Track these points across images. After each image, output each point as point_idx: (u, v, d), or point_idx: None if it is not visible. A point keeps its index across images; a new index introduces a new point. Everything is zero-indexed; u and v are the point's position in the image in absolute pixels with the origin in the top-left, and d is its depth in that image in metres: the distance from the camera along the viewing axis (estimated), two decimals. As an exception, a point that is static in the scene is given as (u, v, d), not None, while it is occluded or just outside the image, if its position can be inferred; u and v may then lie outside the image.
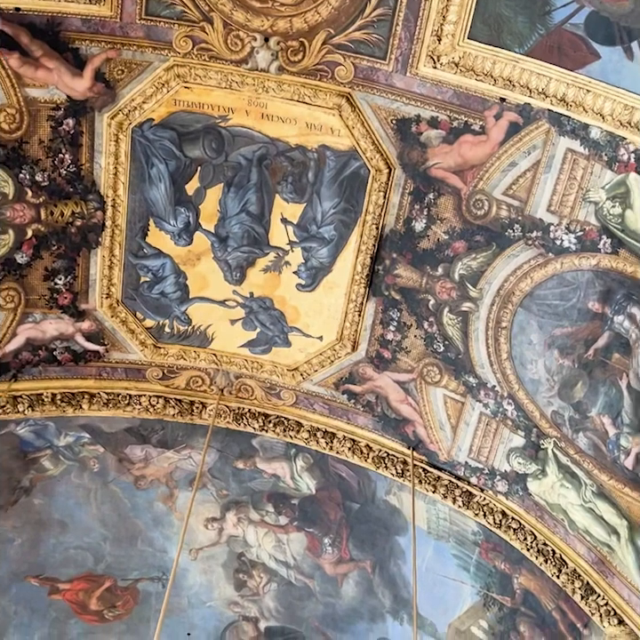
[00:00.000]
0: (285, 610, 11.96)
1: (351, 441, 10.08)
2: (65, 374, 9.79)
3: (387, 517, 10.49)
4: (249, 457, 10.70)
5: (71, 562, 11.62)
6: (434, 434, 9.55)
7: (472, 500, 9.63)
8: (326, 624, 11.82)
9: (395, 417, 9.73)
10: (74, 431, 10.33)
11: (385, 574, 10.91)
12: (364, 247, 8.76)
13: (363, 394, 9.78)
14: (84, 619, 12.18)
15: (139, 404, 10.08)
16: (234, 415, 10.25)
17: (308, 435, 10.19)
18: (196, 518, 11.37)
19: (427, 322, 8.92)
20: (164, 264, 9.22)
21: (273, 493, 11.01)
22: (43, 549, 11.36)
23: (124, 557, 11.69)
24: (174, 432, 10.52)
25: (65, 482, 10.80)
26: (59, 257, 8.91)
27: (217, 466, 10.86)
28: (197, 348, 9.89)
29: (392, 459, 9.95)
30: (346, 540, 10.98)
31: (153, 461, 10.79)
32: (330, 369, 9.75)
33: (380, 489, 10.37)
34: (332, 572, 11.33)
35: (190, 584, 12.04)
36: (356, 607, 11.45)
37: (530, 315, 8.29)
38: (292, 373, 9.91)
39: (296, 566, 11.52)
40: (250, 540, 11.51)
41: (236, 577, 11.90)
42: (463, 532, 9.95)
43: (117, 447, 10.61)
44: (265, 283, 9.35)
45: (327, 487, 10.70)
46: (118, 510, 11.24)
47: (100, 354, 9.76)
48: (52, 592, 11.81)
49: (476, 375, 8.91)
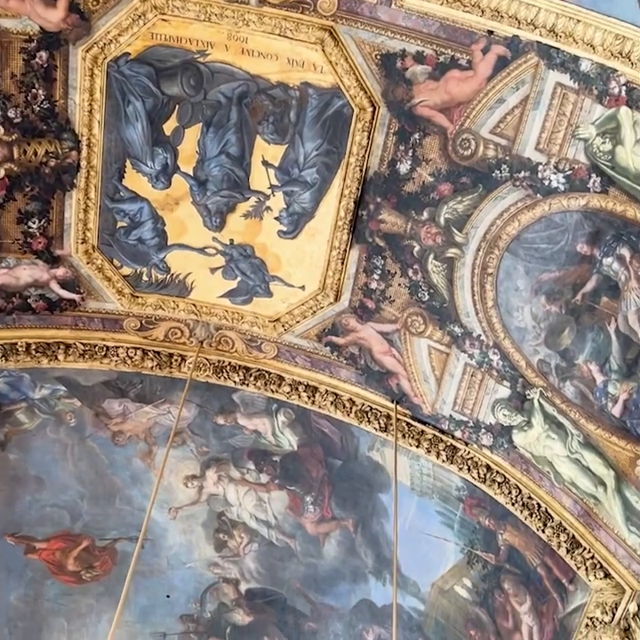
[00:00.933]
0: (266, 571, 11.80)
1: (334, 395, 9.88)
2: (40, 323, 9.55)
3: (369, 474, 10.32)
4: (229, 412, 10.49)
5: (48, 520, 11.41)
6: (418, 387, 9.37)
7: (456, 455, 9.46)
8: (308, 585, 11.66)
9: (378, 369, 9.54)
10: (49, 383, 10.10)
11: (367, 533, 10.75)
12: (347, 191, 8.53)
13: (346, 346, 9.58)
14: (60, 579, 11.99)
15: (116, 356, 9.85)
16: (214, 368, 10.04)
17: (289, 389, 9.99)
18: (176, 476, 11.19)
19: (411, 269, 8.72)
20: (142, 208, 8.97)
21: (254, 450, 10.82)
22: (18, 507, 11.15)
23: (102, 516, 11.49)
24: (153, 386, 10.30)
25: (41, 436, 10.58)
26: (32, 199, 8.64)
27: (197, 422, 10.66)
28: (176, 297, 9.66)
29: (375, 413, 9.77)
30: (328, 498, 10.81)
31: (131, 416, 10.57)
32: (312, 320, 9.54)
33: (363, 445, 10.19)
34: (313, 531, 11.16)
35: (170, 544, 11.86)
36: (337, 568, 11.29)
37: (517, 260, 8.10)
38: (273, 324, 9.70)
39: (277, 526, 11.34)
40: (230, 499, 11.33)
41: (217, 537, 11.72)
42: (447, 487, 9.79)
43: (94, 401, 10.39)
44: (246, 229, 9.11)
45: (309, 443, 10.51)
46: (96, 467, 11.03)
47: (76, 302, 9.51)
48: (28, 551, 11.61)
49: (462, 324, 8.72)
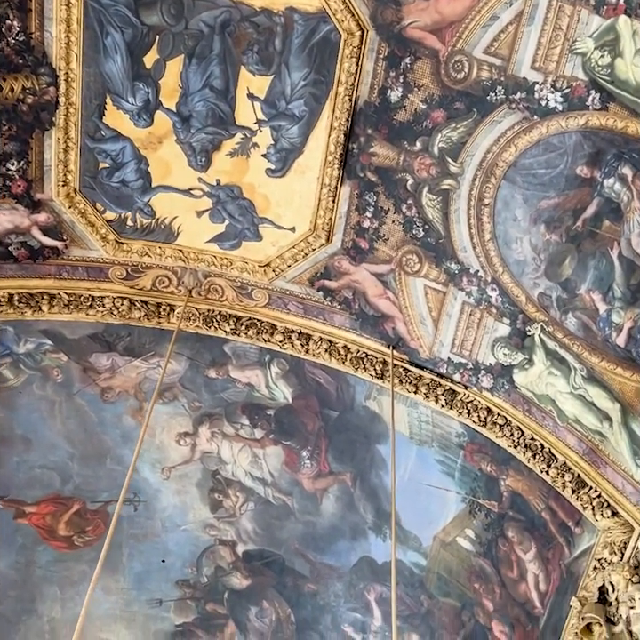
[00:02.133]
0: (263, 531, 11.56)
1: (328, 342, 9.63)
2: (22, 273, 9.26)
3: (366, 425, 10.09)
4: (221, 365, 10.25)
5: (37, 482, 11.15)
6: (414, 330, 9.13)
7: (455, 399, 9.22)
8: (306, 545, 11.44)
9: (373, 314, 9.30)
10: (34, 337, 9.83)
11: (366, 487, 10.52)
12: (336, 123, 8.25)
13: (339, 290, 9.33)
14: (52, 545, 11.75)
15: (102, 306, 9.58)
16: (203, 318, 9.78)
17: (282, 337, 9.74)
18: (168, 434, 10.96)
19: (405, 205, 8.46)
20: (124, 148, 8.69)
21: (247, 404, 10.57)
22: (6, 469, 10.89)
23: (93, 478, 11.24)
24: (141, 339, 10.05)
25: (27, 393, 10.31)
26: (10, 139, 8.34)
27: (188, 375, 10.42)
28: (162, 243, 9.40)
29: (371, 359, 9.53)
30: (325, 451, 10.58)
31: (120, 371, 10.32)
32: (304, 263, 9.28)
33: (360, 394, 9.96)
34: (311, 487, 10.93)
35: (164, 506, 11.62)
36: (336, 525, 11.07)
37: (514, 188, 7.84)
38: (263, 270, 9.44)
39: (273, 483, 11.10)
40: (225, 457, 11.09)
41: (212, 497, 11.49)
42: (447, 434, 9.56)
43: (81, 355, 10.13)
44: (232, 168, 8.84)
45: (304, 395, 10.27)
46: (85, 425, 10.77)
47: (59, 250, 9.24)
48: (17, 516, 11.36)
49: (458, 261, 8.48)
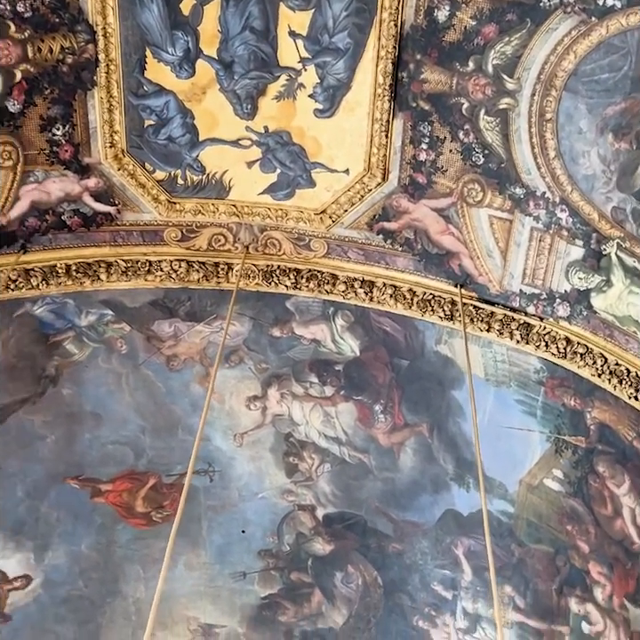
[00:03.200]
0: (342, 493, 11.36)
1: (392, 287, 9.38)
2: (77, 242, 9.22)
3: (439, 371, 9.81)
4: (285, 322, 10.08)
5: (110, 459, 11.13)
6: (482, 264, 8.83)
7: (531, 332, 8.89)
8: (387, 503, 11.19)
9: (437, 252, 9.02)
10: (95, 308, 9.79)
11: (444, 436, 10.24)
12: (383, 52, 8.01)
13: (399, 231, 9.07)
14: (131, 523, 11.73)
15: (160, 271, 9.49)
16: (262, 274, 9.61)
17: (344, 287, 9.51)
18: (237, 399, 10.83)
19: (462, 131, 8.16)
20: (168, 102, 8.57)
21: (315, 361, 10.38)
22: (78, 446, 10.89)
23: (166, 450, 11.17)
24: (202, 302, 9.93)
25: (93, 367, 10.29)
26: (53, 102, 8.29)
27: (252, 336, 10.27)
28: (215, 199, 9.25)
29: (439, 300, 9.25)
30: (398, 403, 10.33)
31: (183, 337, 10.23)
32: (360, 207, 9.04)
33: (429, 339, 9.69)
34: (387, 442, 10.69)
35: (239, 474, 11.49)
36: (416, 479, 10.81)
37: (576, 98, 7.49)
38: (320, 217, 9.23)
39: (348, 442, 10.89)
40: (296, 418, 10.92)
41: (287, 461, 11.32)
42: (525, 372, 9.23)
43: (144, 324, 10.06)
44: (279, 113, 8.65)
45: (372, 346, 10.04)
46: (153, 397, 10.71)
47: (112, 216, 9.16)
48: (94, 495, 11.35)
49: (523, 184, 8.15)
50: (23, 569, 11.47)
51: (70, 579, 11.88)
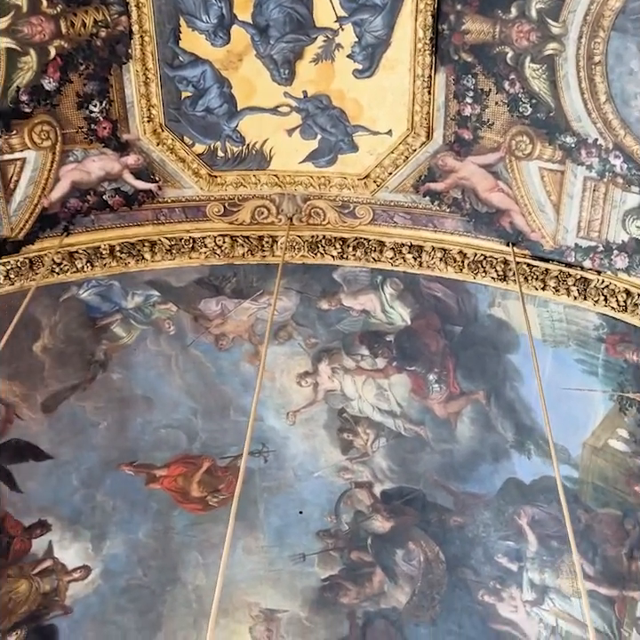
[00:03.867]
0: (399, 467, 11.17)
1: (441, 251, 9.19)
2: (120, 222, 9.18)
3: (494, 335, 9.59)
4: (333, 294, 9.93)
5: (163, 443, 11.07)
6: (534, 220, 8.59)
7: (589, 287, 8.62)
8: (445, 475, 10.98)
9: (486, 211, 8.80)
10: (141, 289, 9.74)
11: (502, 402, 10.00)
12: (422, 5, 7.82)
13: (447, 191, 8.88)
14: (187, 508, 11.64)
15: (204, 247, 9.41)
16: (308, 245, 9.48)
17: (392, 253, 9.35)
18: (288, 376, 10.71)
19: (507, 81, 7.94)
20: (204, 72, 8.47)
21: (365, 333, 10.21)
22: (131, 432, 10.84)
23: (219, 432, 11.08)
24: (248, 277, 9.83)
25: (142, 350, 10.24)
26: (89, 78, 8.25)
27: (300, 310, 10.14)
28: (256, 171, 9.14)
29: (490, 261, 9.03)
30: (452, 371, 10.12)
31: (231, 315, 10.13)
32: (405, 168, 8.87)
33: (482, 302, 9.47)
34: (443, 413, 10.48)
35: (293, 453, 11.36)
36: (475, 449, 10.58)
37: (626, 37, 7.23)
38: (364, 182, 9.07)
39: (403, 414, 10.71)
40: (349, 393, 10.76)
41: (341, 438, 11.16)
42: (584, 329, 8.97)
43: (190, 303, 9.99)
44: (318, 76, 8.51)
45: (423, 314, 9.85)
46: (203, 378, 10.63)
47: (154, 193, 9.10)
48: (149, 481, 11.29)
49: (573, 132, 7.90)
50: (82, 559, 11.44)
51: (129, 568, 11.84)
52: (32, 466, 10.47)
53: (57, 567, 11.27)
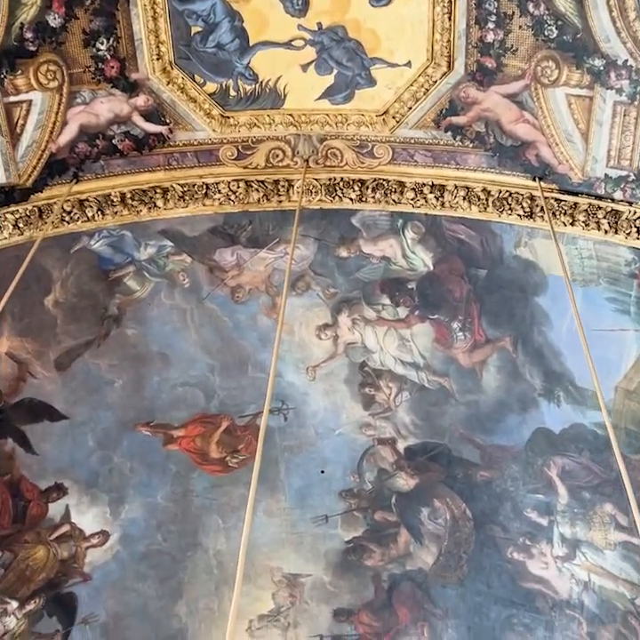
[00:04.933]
0: (423, 422, 10.89)
1: (465, 189, 8.89)
2: (131, 168, 8.92)
3: (520, 277, 9.29)
4: (352, 240, 9.65)
5: (181, 402, 10.82)
6: (561, 151, 8.28)
7: (620, 220, 8.31)
8: (471, 428, 10.69)
9: (511, 144, 8.50)
10: (154, 239, 9.48)
11: (529, 348, 9.71)
12: None
13: (469, 125, 8.57)
14: (206, 470, 11.40)
15: (218, 193, 9.13)
16: (325, 188, 9.19)
17: (413, 194, 9.05)
18: (307, 329, 10.44)
19: (531, 2, 7.62)
20: (214, 5, 8.16)
21: (386, 281, 9.93)
22: (147, 390, 10.59)
23: (237, 389, 10.82)
24: (263, 225, 9.55)
25: (156, 304, 9.98)
26: (95, 14, 7.97)
27: (318, 259, 9.87)
28: (270, 110, 8.85)
29: (516, 197, 8.74)
30: (477, 318, 9.83)
31: (247, 266, 9.86)
32: (426, 102, 8.56)
33: (508, 243, 9.17)
34: (467, 362, 10.19)
35: (314, 410, 11.10)
36: (502, 399, 10.28)
37: (657, -54, 6.95)
38: (382, 119, 8.77)
39: (426, 366, 10.42)
40: (370, 345, 10.47)
41: (363, 393, 10.88)
42: (615, 266, 8.67)
43: (205, 254, 9.72)
44: (332, 7, 8.21)
45: (446, 258, 9.56)
46: (220, 332, 10.37)
47: (165, 136, 8.82)
48: (166, 442, 11.05)
49: (602, 54, 7.58)
50: (100, 525, 11.22)
51: (148, 533, 11.61)
52: (47, 426, 10.25)
53: (75, 533, 11.05)
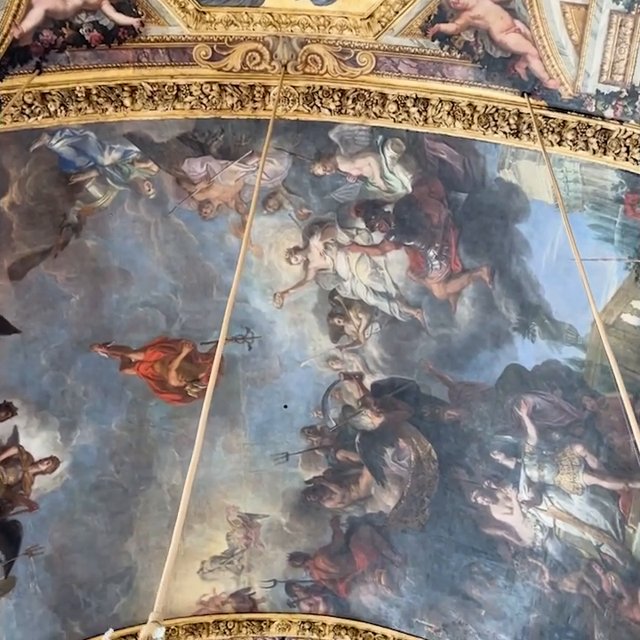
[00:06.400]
0: (392, 356, 10.58)
1: (449, 103, 8.53)
2: (98, 62, 8.40)
3: (502, 202, 8.97)
4: (328, 157, 9.25)
5: (140, 324, 10.37)
6: (552, 64, 7.94)
7: (610, 139, 8.02)
8: (442, 364, 10.41)
9: (501, 55, 8.13)
10: (119, 143, 8.99)
11: (507, 279, 9.42)
12: None
13: (458, 33, 8.17)
14: (164, 398, 10.98)
15: (189, 95, 8.65)
16: (303, 97, 8.76)
17: (395, 107, 8.66)
18: (277, 252, 10.06)
19: None
20: None
21: (362, 203, 9.55)
22: (105, 309, 10.13)
23: (200, 314, 10.40)
24: (236, 135, 9.11)
25: (118, 215, 9.52)
26: None
27: (292, 175, 9.46)
28: (249, 8, 8.34)
29: (503, 114, 8.40)
30: (455, 246, 9.51)
31: (217, 179, 9.42)
32: (414, 6, 8.10)
33: (491, 164, 8.84)
34: (442, 293, 9.87)
35: (279, 340, 10.72)
36: (475, 333, 9.99)
37: None
38: (367, 23, 8.33)
39: (399, 296, 10.09)
40: (341, 272, 10.11)
41: (331, 323, 10.52)
42: (601, 190, 8.38)
43: (173, 163, 9.27)
44: None
45: (426, 179, 9.20)
46: (185, 251, 9.93)
47: (135, 29, 8.30)
48: (124, 366, 10.62)
49: (602, -43, 7.29)
50: (49, 450, 10.79)
51: (100, 462, 11.20)
52: (-3, 340, 9.82)
53: (22, 457, 10.61)
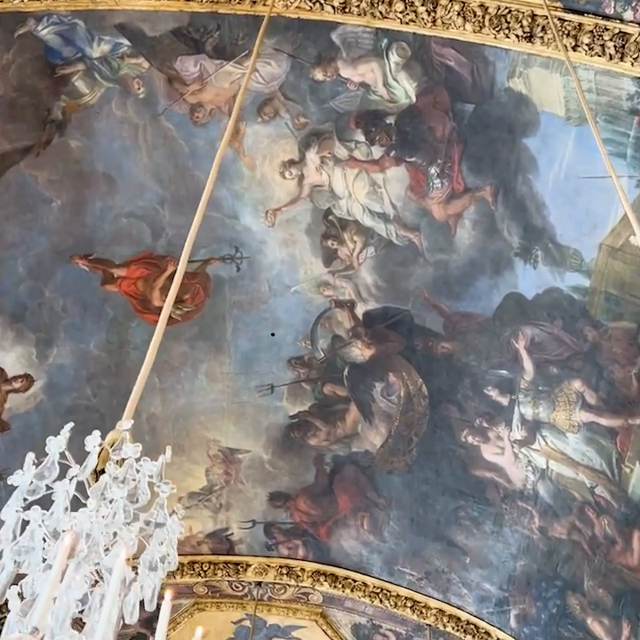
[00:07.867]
0: (386, 284, 10.17)
1: (460, 3, 7.92)
2: (89, -59, 8.02)
3: (510, 114, 8.55)
4: (329, 61, 8.79)
5: (124, 237, 9.91)
6: None
7: (628, 43, 7.57)
8: (438, 292, 10.01)
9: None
10: (109, 35, 8.53)
11: (511, 200, 9.01)
12: None
13: None
14: (146, 319, 10.50)
15: (185, -17, 8.29)
16: (306, -6, 8.39)
17: (402, 6, 8.04)
18: (270, 164, 9.61)
19: None
20: None
21: (362, 113, 9.10)
22: (88, 217, 9.66)
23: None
24: (233, 33, 8.64)
25: (105, 115, 9.04)
26: None
27: (290, 80, 9.01)
28: None
29: (516, 15, 7.93)
30: (458, 162, 9.08)
31: (210, 80, 8.97)
32: None
33: (501, 72, 8.41)
34: (442, 215, 9.46)
35: (270, 262, 10.27)
36: (474, 259, 9.59)
37: None
38: None
39: (397, 218, 9.68)
40: (338, 190, 9.67)
41: (325, 246, 10.10)
42: (615, 100, 7.97)
43: (165, 60, 8.79)
44: None
45: (431, 89, 8.76)
46: (174, 158, 9.45)
47: None
48: (105, 281, 10.16)
49: None
50: (24, 367, 10.37)
51: (77, 384, 10.79)
52: (-29, 242, 9.37)
53: (-4, 372, 10.25)
